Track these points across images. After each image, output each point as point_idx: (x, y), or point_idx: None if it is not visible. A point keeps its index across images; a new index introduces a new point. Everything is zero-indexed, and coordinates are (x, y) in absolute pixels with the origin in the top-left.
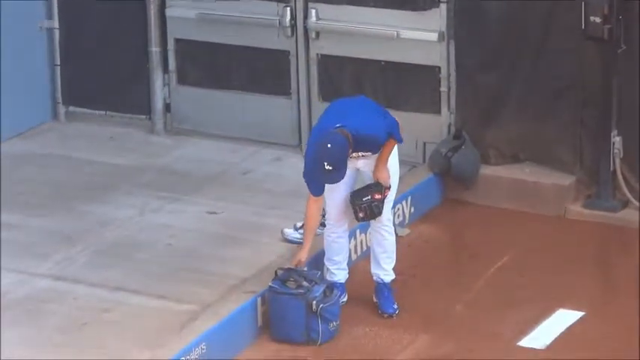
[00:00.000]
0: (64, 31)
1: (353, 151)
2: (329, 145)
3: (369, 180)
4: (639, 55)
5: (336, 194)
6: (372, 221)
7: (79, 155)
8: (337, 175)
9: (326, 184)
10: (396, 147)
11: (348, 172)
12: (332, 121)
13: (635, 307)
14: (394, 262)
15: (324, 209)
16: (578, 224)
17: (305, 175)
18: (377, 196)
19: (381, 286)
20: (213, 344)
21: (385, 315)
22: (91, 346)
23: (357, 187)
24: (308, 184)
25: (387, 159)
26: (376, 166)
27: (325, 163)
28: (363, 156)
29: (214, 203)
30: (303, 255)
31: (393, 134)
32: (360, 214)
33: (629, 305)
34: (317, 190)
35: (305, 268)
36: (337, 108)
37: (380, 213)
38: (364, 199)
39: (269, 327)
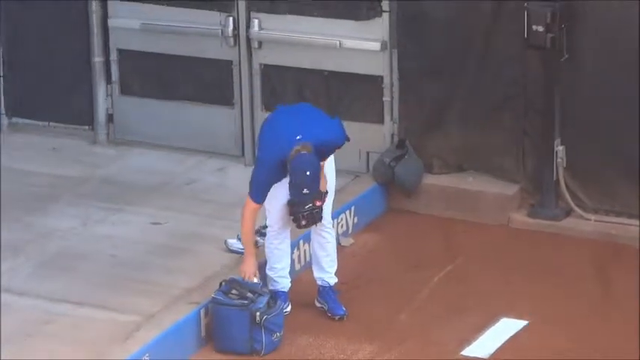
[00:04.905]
0: (6, 41)
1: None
2: (308, 173)
3: None
4: (582, 64)
5: (278, 201)
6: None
7: (21, 166)
8: (312, 195)
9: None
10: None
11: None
12: (290, 133)
13: (578, 317)
14: (336, 264)
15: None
16: (521, 233)
17: (254, 182)
18: (317, 203)
19: (327, 290)
20: (156, 355)
21: (336, 317)
22: (34, 358)
23: None
24: (254, 190)
25: (323, 164)
26: None
27: (305, 189)
28: None
29: (158, 213)
30: (249, 267)
31: (346, 136)
32: (303, 222)
33: (573, 314)
34: (261, 198)
35: (259, 282)
36: (288, 117)
37: (321, 219)
38: (306, 207)
39: (212, 338)
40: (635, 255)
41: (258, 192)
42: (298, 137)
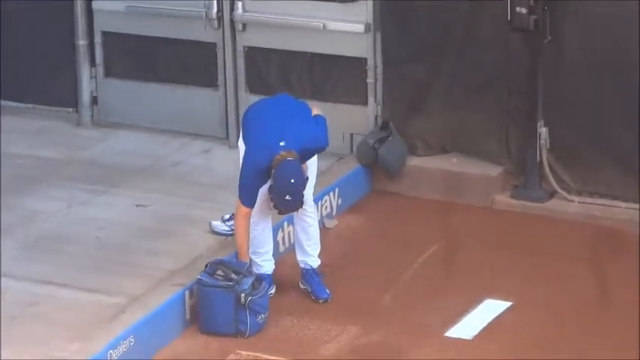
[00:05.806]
0: None
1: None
2: (292, 181)
3: None
4: (565, 46)
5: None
6: None
7: (6, 148)
8: (295, 202)
9: None
10: None
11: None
12: (273, 138)
13: (562, 298)
14: (319, 247)
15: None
16: (505, 214)
17: (243, 187)
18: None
19: (310, 273)
20: (141, 337)
21: (320, 300)
22: (19, 340)
23: None
24: (244, 195)
25: None
26: None
27: (287, 196)
28: None
29: (143, 196)
30: None
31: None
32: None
33: (558, 295)
34: (251, 201)
35: (246, 263)
36: (269, 117)
37: (302, 204)
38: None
39: (197, 319)
40: (618, 236)
41: (247, 196)
42: (282, 144)
